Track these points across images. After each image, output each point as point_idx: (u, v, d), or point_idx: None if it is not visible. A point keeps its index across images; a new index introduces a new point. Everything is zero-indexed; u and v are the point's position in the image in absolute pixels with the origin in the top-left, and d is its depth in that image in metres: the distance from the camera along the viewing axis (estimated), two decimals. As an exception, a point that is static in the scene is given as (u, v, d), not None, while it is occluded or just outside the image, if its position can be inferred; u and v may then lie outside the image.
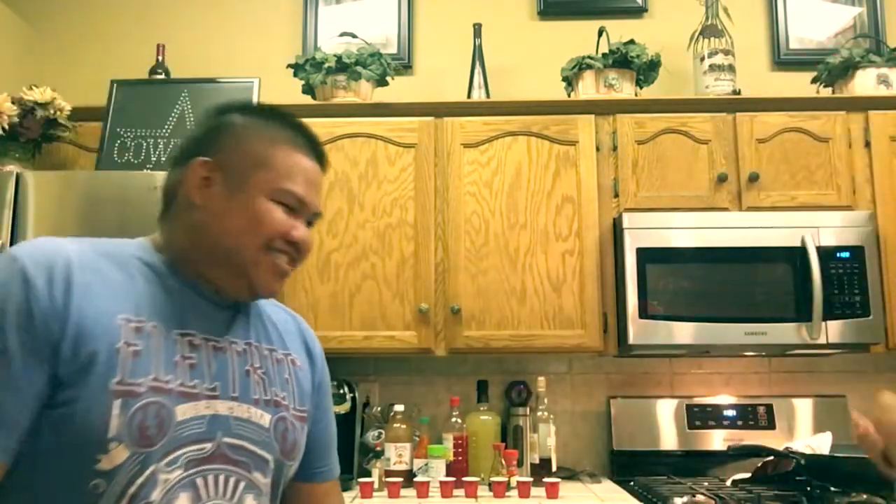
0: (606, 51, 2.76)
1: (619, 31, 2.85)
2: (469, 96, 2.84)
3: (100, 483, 0.93)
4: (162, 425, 0.98)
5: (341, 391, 2.57)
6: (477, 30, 2.92)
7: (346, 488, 2.31)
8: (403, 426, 2.53)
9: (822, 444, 2.31)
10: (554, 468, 2.53)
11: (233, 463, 1.05)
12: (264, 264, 1.09)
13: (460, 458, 2.52)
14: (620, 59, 2.72)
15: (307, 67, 2.76)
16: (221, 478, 1.03)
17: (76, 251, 1.02)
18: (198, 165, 1.09)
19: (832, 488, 2.10)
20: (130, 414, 0.95)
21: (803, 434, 2.64)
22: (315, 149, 1.16)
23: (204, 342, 1.07)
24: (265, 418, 1.10)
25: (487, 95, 2.85)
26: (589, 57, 2.75)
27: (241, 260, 1.08)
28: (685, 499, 2.11)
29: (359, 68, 2.72)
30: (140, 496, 0.95)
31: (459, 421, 2.58)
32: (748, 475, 2.38)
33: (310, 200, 1.12)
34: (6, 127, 2.52)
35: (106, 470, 0.93)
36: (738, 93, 2.76)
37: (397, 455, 2.48)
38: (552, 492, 2.27)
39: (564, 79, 2.85)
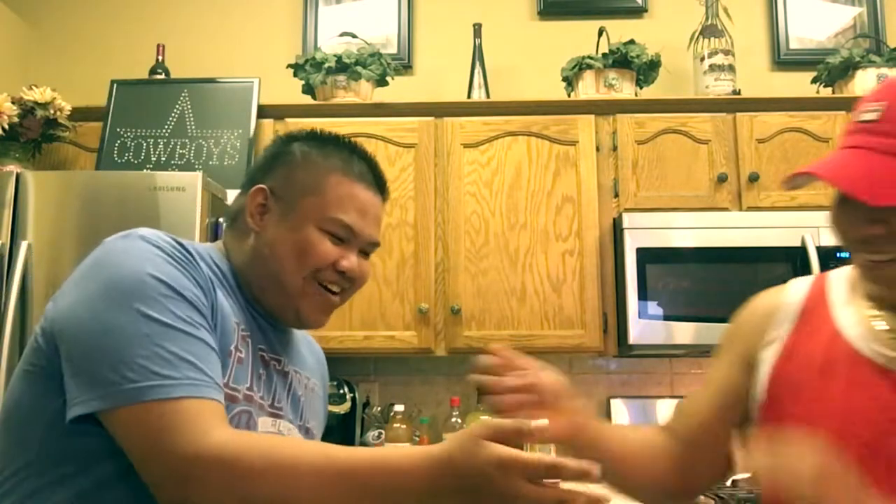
0: (606, 51, 2.76)
1: (619, 31, 2.84)
2: (469, 96, 2.84)
3: None
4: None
5: (341, 391, 2.57)
6: (477, 30, 2.92)
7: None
8: (403, 426, 2.54)
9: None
10: (554, 468, 2.52)
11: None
12: (311, 294, 1.09)
13: (460, 458, 2.52)
14: (620, 59, 2.72)
15: (307, 67, 2.76)
16: None
17: (197, 248, 1.06)
18: (256, 192, 1.11)
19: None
20: (228, 418, 0.96)
21: (803, 434, 2.64)
22: (375, 179, 1.15)
23: (271, 361, 1.10)
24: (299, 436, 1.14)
25: (487, 95, 2.85)
26: (589, 57, 2.75)
27: (288, 289, 1.08)
28: (685, 499, 2.10)
29: (359, 68, 2.72)
30: None
31: (459, 421, 2.58)
32: (748, 475, 2.38)
33: (361, 230, 1.10)
34: (6, 127, 2.52)
35: None
36: (738, 93, 2.76)
37: (397, 455, 2.48)
38: (552, 492, 2.27)
39: (564, 79, 2.85)
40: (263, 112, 2.68)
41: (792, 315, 1.06)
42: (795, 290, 1.09)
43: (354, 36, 2.89)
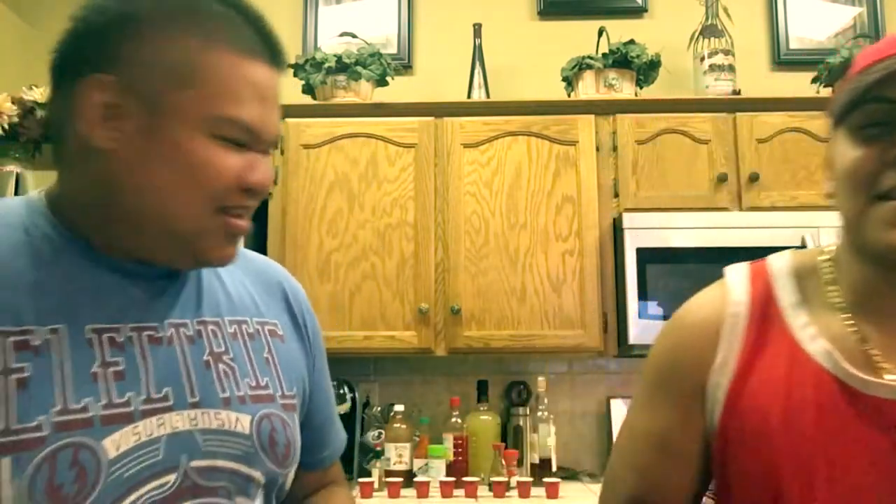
0: (606, 51, 2.75)
1: (619, 31, 2.84)
2: (469, 96, 2.84)
3: None
4: (85, 475, 0.68)
5: (341, 391, 2.57)
6: (477, 30, 2.92)
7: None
8: (403, 426, 2.53)
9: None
10: (554, 468, 2.53)
11: (208, 493, 0.77)
12: (214, 230, 0.77)
13: (460, 458, 2.52)
14: (620, 59, 2.72)
15: (307, 67, 2.76)
16: None
17: None
18: (92, 87, 0.74)
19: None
20: (30, 473, 0.66)
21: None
22: (268, 44, 0.82)
23: (135, 335, 0.77)
24: (243, 422, 0.81)
25: (487, 95, 2.84)
26: (589, 57, 2.75)
27: (180, 228, 0.76)
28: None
29: (359, 68, 2.72)
30: None
31: (459, 421, 2.58)
32: None
33: (265, 126, 0.78)
34: (6, 127, 2.52)
35: None
36: (738, 93, 2.76)
37: (397, 455, 2.48)
38: (552, 492, 2.27)
39: (564, 79, 2.85)
40: (263, 112, 2.67)
41: (740, 326, 0.84)
42: (737, 291, 0.86)
43: (354, 36, 2.89)
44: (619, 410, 2.73)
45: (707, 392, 0.83)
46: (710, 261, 2.47)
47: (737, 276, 0.88)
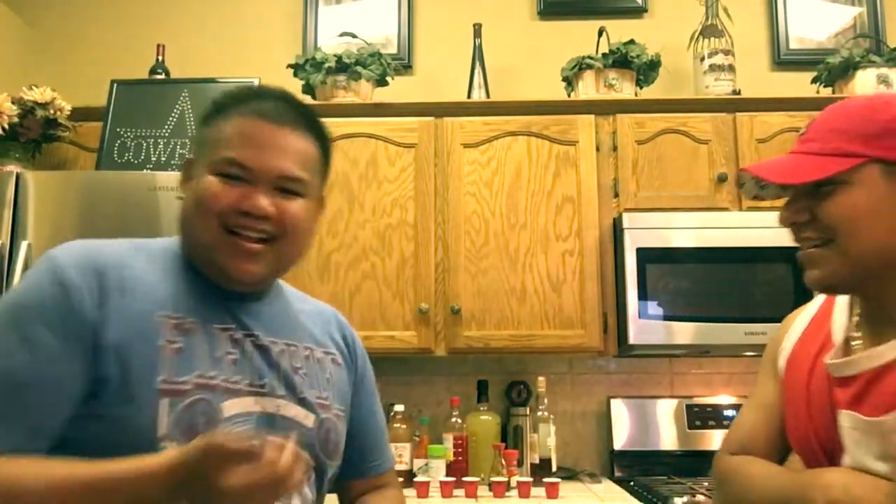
0: (606, 51, 2.76)
1: (619, 31, 2.85)
2: (469, 96, 2.84)
3: None
4: (210, 422, 0.96)
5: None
6: (477, 30, 2.92)
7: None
8: (403, 426, 2.53)
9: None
10: (554, 468, 2.53)
11: None
12: (224, 245, 1.02)
13: (460, 458, 2.52)
14: (620, 59, 2.72)
15: (307, 67, 2.76)
16: None
17: (112, 251, 1.02)
18: (182, 165, 1.11)
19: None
20: (179, 412, 0.94)
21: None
22: (284, 111, 1.06)
23: (244, 338, 1.05)
24: (310, 419, 1.07)
25: (487, 95, 2.85)
26: (589, 57, 2.75)
27: (202, 246, 1.04)
28: (685, 499, 2.11)
29: (359, 68, 2.72)
30: None
31: (459, 421, 2.58)
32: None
33: (258, 164, 1.02)
34: (6, 127, 2.52)
35: None
36: (738, 93, 2.76)
37: (397, 455, 2.47)
38: (552, 492, 2.27)
39: (564, 79, 2.85)
40: (263, 112, 2.67)
41: (801, 326, 1.18)
42: (813, 304, 1.20)
43: (354, 36, 2.89)
44: (619, 410, 2.73)
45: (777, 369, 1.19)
46: (710, 261, 2.47)
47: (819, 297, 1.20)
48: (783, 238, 1.15)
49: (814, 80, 2.87)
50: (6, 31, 2.98)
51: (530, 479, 2.33)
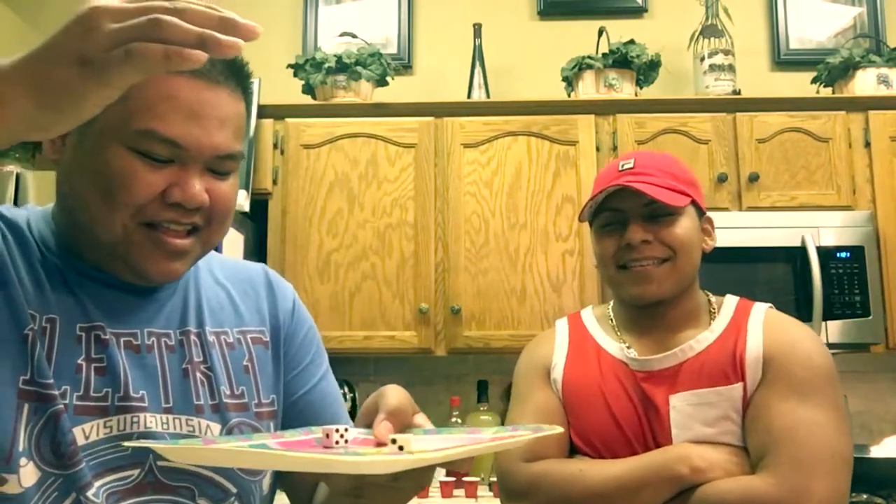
0: (606, 51, 2.75)
1: (619, 31, 2.84)
2: (469, 96, 2.84)
3: None
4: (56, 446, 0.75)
5: (341, 391, 2.56)
6: (477, 30, 2.92)
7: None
8: (403, 426, 2.53)
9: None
10: (554, 468, 2.53)
11: (170, 491, 0.80)
12: (140, 242, 0.78)
13: (460, 458, 2.52)
14: (620, 59, 2.72)
15: (307, 67, 2.76)
16: None
17: None
18: None
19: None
20: (41, 425, 0.75)
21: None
22: (215, 63, 0.77)
23: (115, 338, 0.81)
24: (213, 430, 0.84)
25: (487, 95, 2.85)
26: (589, 57, 2.75)
27: (105, 240, 0.78)
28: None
29: (359, 68, 2.72)
30: None
31: (459, 421, 2.58)
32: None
33: (194, 141, 0.77)
34: (6, 127, 2.52)
35: (10, 494, 0.73)
36: (738, 93, 2.76)
37: (397, 455, 2.47)
38: (552, 492, 2.27)
39: (564, 79, 2.85)
40: (263, 112, 2.67)
41: (563, 344, 1.36)
42: (559, 327, 1.40)
43: (354, 36, 2.89)
44: (619, 410, 2.73)
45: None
46: (710, 260, 2.45)
47: (559, 324, 1.42)
48: (783, 238, 1.16)
49: (814, 80, 2.87)
50: (6, 31, 2.97)
51: (530, 479, 2.33)
